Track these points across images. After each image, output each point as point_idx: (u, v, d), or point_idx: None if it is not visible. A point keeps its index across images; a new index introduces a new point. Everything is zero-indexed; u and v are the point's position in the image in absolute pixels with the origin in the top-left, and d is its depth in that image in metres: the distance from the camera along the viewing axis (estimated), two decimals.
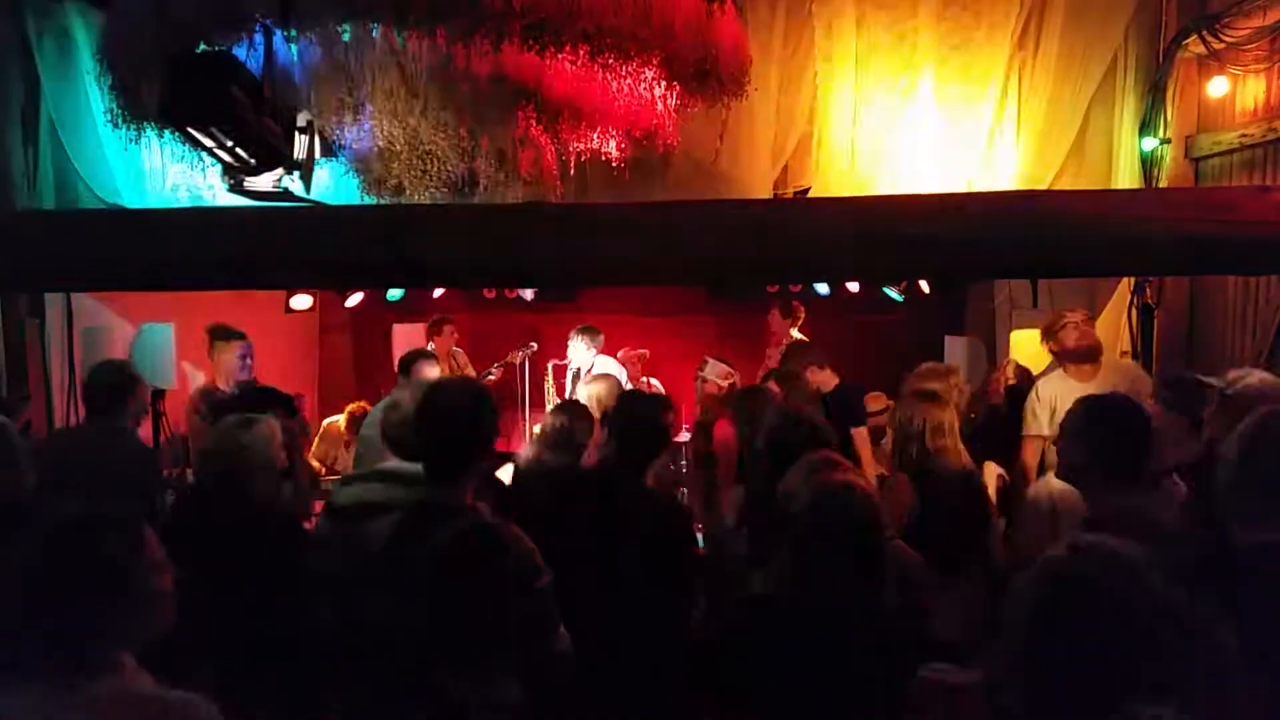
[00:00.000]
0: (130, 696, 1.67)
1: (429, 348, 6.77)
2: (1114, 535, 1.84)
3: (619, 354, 6.55)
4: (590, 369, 6.23)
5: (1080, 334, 4.12)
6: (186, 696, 1.71)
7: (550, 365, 6.84)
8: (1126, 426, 2.51)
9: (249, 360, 4.86)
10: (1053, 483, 3.19)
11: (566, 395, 6.36)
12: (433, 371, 4.94)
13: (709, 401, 5.22)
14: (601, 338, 6.36)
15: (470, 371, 6.83)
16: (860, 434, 4.57)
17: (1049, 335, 4.20)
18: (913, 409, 3.36)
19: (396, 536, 2.41)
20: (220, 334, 4.94)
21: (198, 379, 6.09)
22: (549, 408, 6.22)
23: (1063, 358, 4.13)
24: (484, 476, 3.02)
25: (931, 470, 3.24)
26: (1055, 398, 3.99)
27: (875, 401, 4.94)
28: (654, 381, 6.65)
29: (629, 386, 6.12)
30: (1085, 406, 2.64)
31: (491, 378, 6.58)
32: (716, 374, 5.34)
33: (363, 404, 5.37)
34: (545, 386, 6.78)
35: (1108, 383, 3.81)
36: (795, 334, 6.60)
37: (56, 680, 1.64)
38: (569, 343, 6.34)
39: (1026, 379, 4.50)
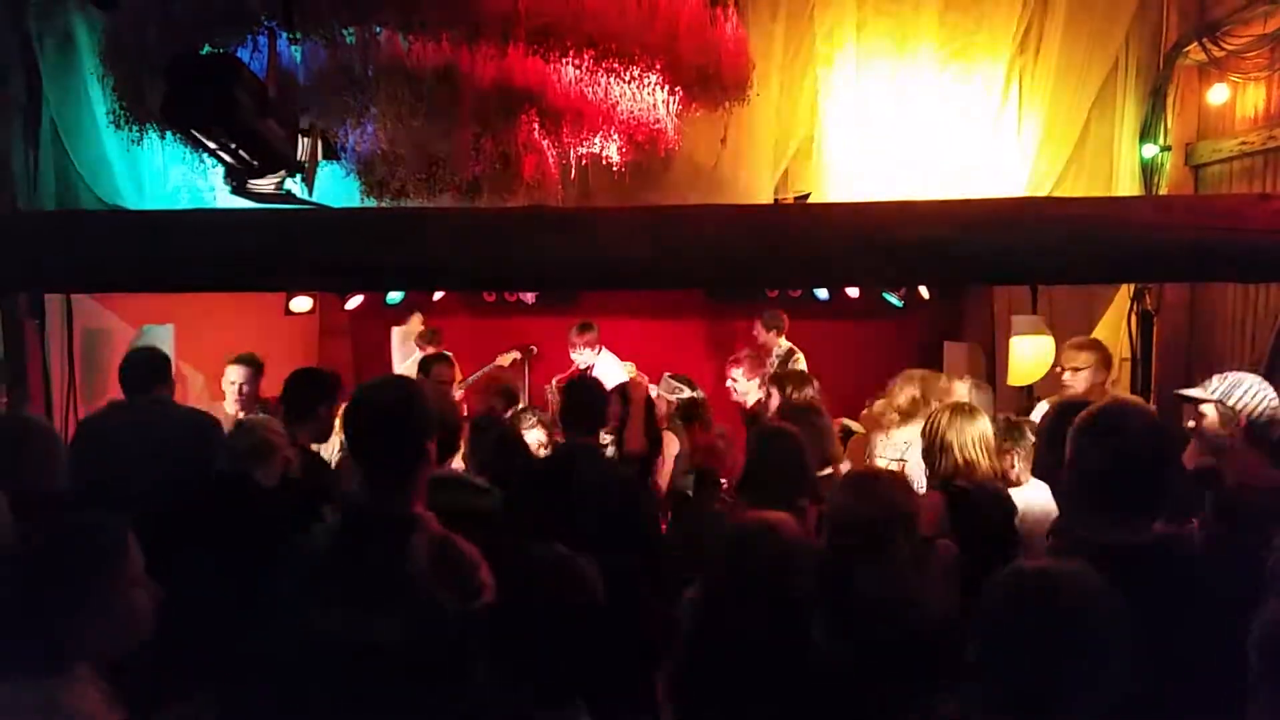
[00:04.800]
0: (63, 707, 1.68)
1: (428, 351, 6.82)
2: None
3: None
4: (592, 368, 6.35)
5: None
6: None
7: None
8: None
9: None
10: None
11: None
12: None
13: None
14: (595, 332, 6.55)
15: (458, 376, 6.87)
16: None
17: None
18: (944, 421, 3.36)
19: (336, 547, 2.25)
20: None
21: (198, 380, 6.09)
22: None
23: None
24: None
25: (963, 485, 3.23)
26: None
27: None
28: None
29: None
30: (1056, 413, 2.76)
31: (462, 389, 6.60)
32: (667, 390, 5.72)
33: None
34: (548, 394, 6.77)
35: None
36: (783, 343, 6.63)
37: (12, 678, 1.69)
38: (576, 347, 6.41)
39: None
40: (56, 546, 1.81)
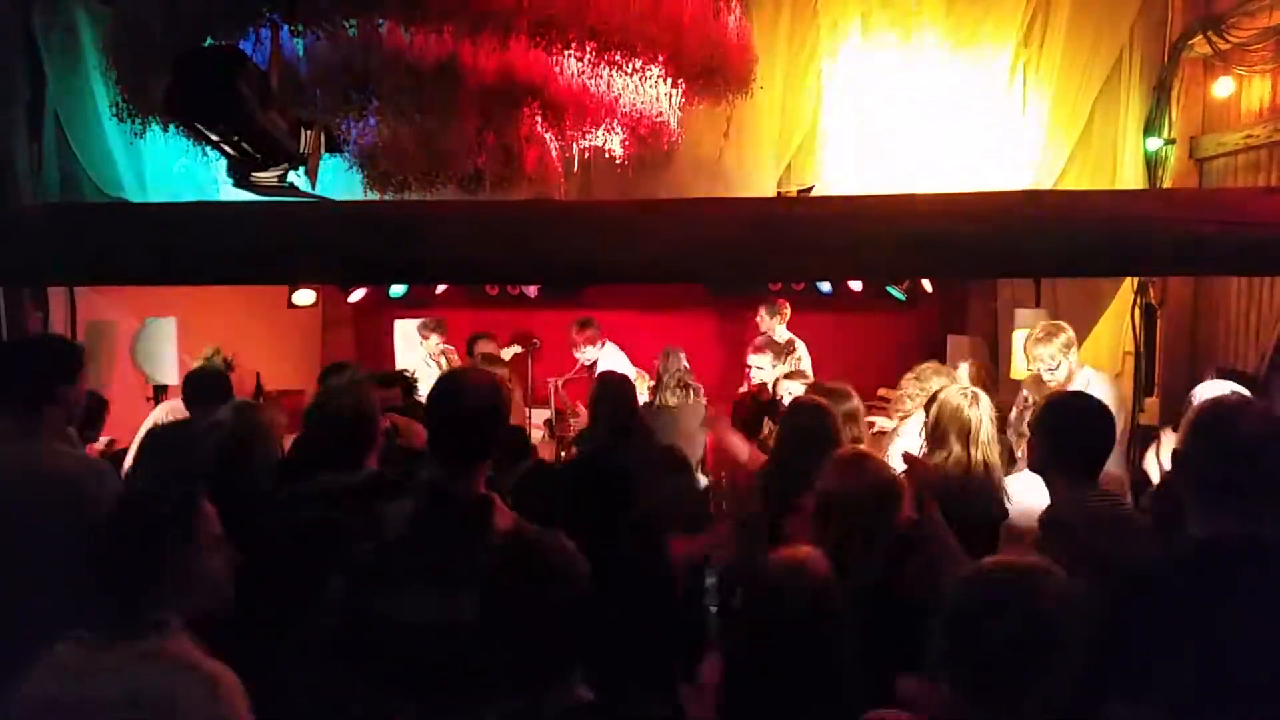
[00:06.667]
0: (165, 658, 1.80)
1: (430, 343, 6.82)
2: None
3: None
4: (596, 364, 6.34)
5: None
6: (220, 668, 1.83)
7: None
8: (1083, 424, 2.58)
9: None
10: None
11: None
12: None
13: None
14: (595, 328, 6.48)
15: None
16: None
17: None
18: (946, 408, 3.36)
19: (413, 524, 2.33)
20: None
21: None
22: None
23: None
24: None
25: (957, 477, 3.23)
26: None
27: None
28: None
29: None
30: (1046, 406, 2.76)
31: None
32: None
33: None
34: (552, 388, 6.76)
35: None
36: (783, 331, 6.63)
37: (101, 636, 1.81)
38: (577, 346, 6.39)
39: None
40: (127, 511, 1.97)
